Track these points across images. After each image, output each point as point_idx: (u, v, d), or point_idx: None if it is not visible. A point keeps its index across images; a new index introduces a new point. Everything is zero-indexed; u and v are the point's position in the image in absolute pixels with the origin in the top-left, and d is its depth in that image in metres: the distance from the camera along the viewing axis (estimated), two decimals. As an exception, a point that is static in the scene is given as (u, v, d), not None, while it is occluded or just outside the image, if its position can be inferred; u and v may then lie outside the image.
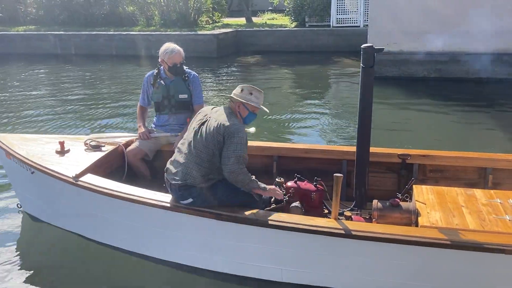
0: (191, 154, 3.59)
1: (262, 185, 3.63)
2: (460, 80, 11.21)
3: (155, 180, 4.59)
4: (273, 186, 3.75)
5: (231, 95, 3.73)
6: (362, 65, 3.67)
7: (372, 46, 3.63)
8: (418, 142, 6.93)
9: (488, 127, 8.15)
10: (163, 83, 4.75)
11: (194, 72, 4.88)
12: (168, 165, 3.78)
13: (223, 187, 3.59)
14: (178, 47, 4.71)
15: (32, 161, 4.20)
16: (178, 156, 3.71)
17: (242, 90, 3.71)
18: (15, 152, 4.38)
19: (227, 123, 3.50)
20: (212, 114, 3.67)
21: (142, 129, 4.74)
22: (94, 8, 21.05)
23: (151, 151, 4.71)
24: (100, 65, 15.96)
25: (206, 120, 3.64)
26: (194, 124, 3.74)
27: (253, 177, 3.60)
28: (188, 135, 3.73)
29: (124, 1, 21.08)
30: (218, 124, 3.52)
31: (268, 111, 3.88)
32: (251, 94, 3.69)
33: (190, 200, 3.58)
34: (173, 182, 3.61)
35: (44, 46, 18.70)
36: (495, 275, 3.08)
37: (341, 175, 3.26)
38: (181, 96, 4.75)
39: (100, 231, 4.17)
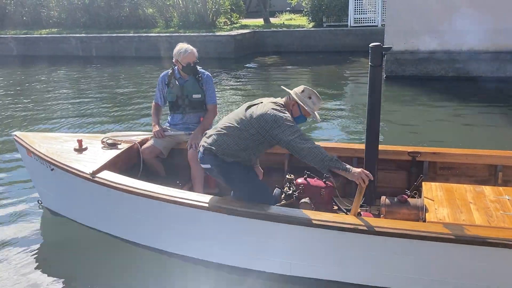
0: (226, 125, 3.71)
1: (346, 166, 3.32)
2: (478, 79, 11.08)
3: (169, 177, 4.72)
4: (359, 170, 3.32)
5: (291, 91, 3.76)
6: (370, 64, 3.72)
7: (380, 45, 3.67)
8: (432, 140, 6.90)
9: (501, 125, 8.06)
10: (177, 83, 4.85)
11: (208, 72, 4.98)
12: (210, 129, 3.95)
13: (242, 170, 3.67)
14: (191, 47, 4.80)
15: (51, 159, 4.36)
16: (219, 124, 3.84)
17: (302, 91, 3.74)
18: (35, 150, 4.54)
19: (272, 112, 3.51)
20: (265, 101, 3.74)
21: (157, 128, 4.85)
22: (115, 11, 21.41)
23: (166, 149, 4.83)
24: (120, 66, 16.23)
25: (257, 104, 3.71)
26: (246, 104, 3.80)
27: (335, 156, 3.36)
28: (236, 110, 3.84)
29: (144, 3, 21.39)
30: (264, 110, 3.56)
31: (320, 119, 3.90)
32: (309, 98, 3.72)
33: (208, 166, 3.74)
34: (203, 143, 3.78)
35: (66, 48, 19.15)
36: (499, 269, 3.09)
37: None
38: (195, 96, 4.85)
39: (116, 225, 4.30)
